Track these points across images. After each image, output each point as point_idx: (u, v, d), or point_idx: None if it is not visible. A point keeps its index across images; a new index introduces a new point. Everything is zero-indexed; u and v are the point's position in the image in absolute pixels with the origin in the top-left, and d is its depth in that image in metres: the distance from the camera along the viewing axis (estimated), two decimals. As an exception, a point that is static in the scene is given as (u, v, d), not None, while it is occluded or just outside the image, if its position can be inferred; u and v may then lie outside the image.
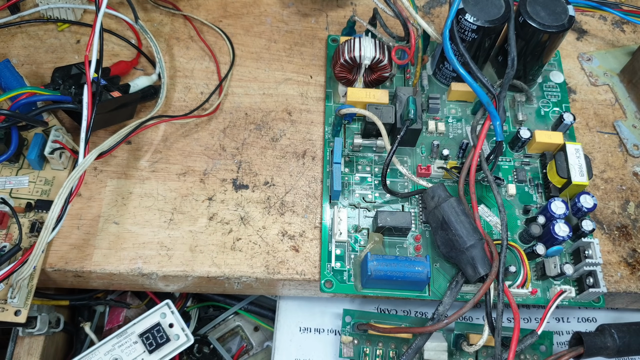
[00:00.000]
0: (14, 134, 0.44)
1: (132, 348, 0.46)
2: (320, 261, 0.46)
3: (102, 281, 0.46)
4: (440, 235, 0.44)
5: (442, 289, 0.45)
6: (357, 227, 0.47)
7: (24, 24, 0.55)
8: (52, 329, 0.49)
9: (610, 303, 0.50)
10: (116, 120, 0.49)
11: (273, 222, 0.47)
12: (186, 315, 0.60)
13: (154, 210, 0.47)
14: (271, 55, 0.56)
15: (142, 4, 0.58)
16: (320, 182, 0.49)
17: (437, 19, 0.61)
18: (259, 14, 0.59)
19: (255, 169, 0.50)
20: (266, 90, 0.54)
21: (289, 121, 0.52)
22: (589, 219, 0.46)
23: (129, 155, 0.49)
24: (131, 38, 0.55)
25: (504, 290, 0.42)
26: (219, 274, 0.45)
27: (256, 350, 0.61)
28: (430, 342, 0.46)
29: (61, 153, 0.46)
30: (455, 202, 0.44)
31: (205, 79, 0.54)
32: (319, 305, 0.53)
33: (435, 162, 0.50)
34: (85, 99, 0.42)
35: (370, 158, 0.50)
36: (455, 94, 0.53)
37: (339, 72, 0.51)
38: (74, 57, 0.53)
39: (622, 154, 0.54)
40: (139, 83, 0.51)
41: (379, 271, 0.42)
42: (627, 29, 0.63)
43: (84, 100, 0.42)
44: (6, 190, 0.46)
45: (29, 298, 0.42)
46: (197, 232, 0.46)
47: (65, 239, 0.45)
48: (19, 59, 0.53)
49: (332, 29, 0.58)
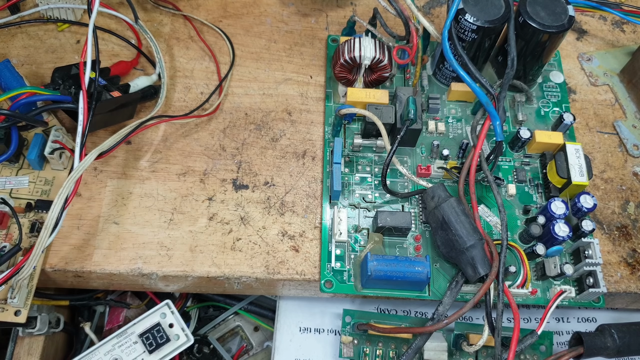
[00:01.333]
0: (14, 134, 0.44)
1: (132, 348, 0.46)
2: (320, 261, 0.46)
3: (102, 281, 0.46)
4: (440, 235, 0.44)
5: (442, 289, 0.45)
6: (357, 227, 0.47)
7: (24, 24, 0.55)
8: (52, 329, 0.49)
9: (610, 303, 0.50)
10: (116, 120, 0.49)
11: (273, 222, 0.47)
12: (186, 315, 0.60)
13: (154, 210, 0.47)
14: (271, 55, 0.56)
15: (142, 4, 0.58)
16: (320, 182, 0.49)
17: (437, 19, 0.61)
18: (259, 14, 0.59)
19: (255, 169, 0.50)
20: (266, 90, 0.54)
21: (289, 121, 0.52)
22: (589, 219, 0.46)
23: (129, 155, 0.49)
24: (131, 38, 0.55)
25: (504, 290, 0.42)
26: (219, 274, 0.45)
27: (256, 350, 0.61)
28: (430, 342, 0.46)
29: (61, 153, 0.46)
30: (455, 202, 0.44)
31: (205, 79, 0.54)
32: (319, 305, 0.53)
33: (435, 162, 0.50)
34: (81, 104, 0.42)
35: (370, 158, 0.50)
36: (455, 94, 0.53)
37: (339, 72, 0.51)
38: (74, 57, 0.53)
39: (622, 154, 0.54)
40: (139, 83, 0.51)
41: (379, 271, 0.42)
42: (627, 29, 0.63)
43: (80, 105, 0.42)
44: (6, 190, 0.46)
45: (29, 298, 0.42)
46: (197, 232, 0.46)
47: (65, 239, 0.45)
48: (19, 59, 0.53)
49: (332, 29, 0.58)
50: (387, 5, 0.50)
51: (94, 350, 0.46)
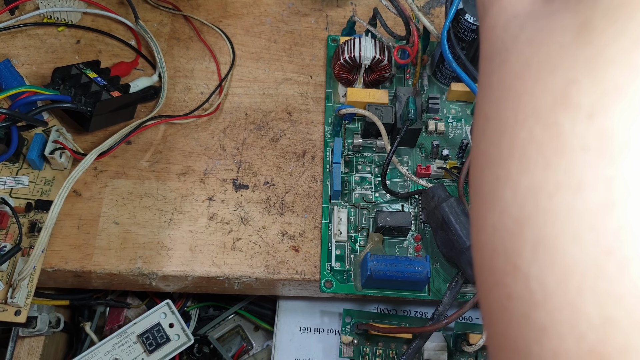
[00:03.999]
0: (14, 133, 0.44)
1: (132, 348, 0.46)
2: (320, 261, 0.46)
3: (102, 281, 0.46)
4: (440, 235, 0.44)
5: (442, 289, 0.45)
6: (357, 227, 0.47)
7: (24, 27, 0.54)
8: (52, 329, 0.49)
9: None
10: (116, 121, 0.49)
11: (273, 222, 0.47)
12: (186, 315, 0.60)
13: (154, 210, 0.47)
14: (271, 55, 0.56)
15: (142, 4, 0.58)
16: (320, 182, 0.50)
17: (437, 19, 0.61)
18: (259, 14, 0.59)
19: (255, 169, 0.50)
20: (266, 90, 0.54)
21: (289, 121, 0.52)
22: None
23: (129, 155, 0.49)
24: (131, 39, 0.55)
25: (504, 290, 0.42)
26: (219, 274, 0.45)
27: (256, 350, 0.61)
28: (430, 342, 0.46)
29: (61, 153, 0.46)
30: (455, 202, 0.44)
31: (205, 79, 0.54)
32: (319, 305, 0.53)
33: (435, 162, 0.50)
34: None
35: (370, 158, 0.50)
36: (455, 94, 0.53)
37: (339, 72, 0.51)
38: (74, 57, 0.53)
39: (622, 154, 0.54)
40: (139, 84, 0.51)
41: (379, 271, 0.42)
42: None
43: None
44: (6, 190, 0.46)
45: (29, 298, 0.42)
46: (197, 232, 0.46)
47: (65, 239, 0.45)
48: (19, 59, 0.53)
49: (332, 29, 0.58)
50: (388, 4, 0.50)
51: (94, 350, 0.46)
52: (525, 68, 0.18)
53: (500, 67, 0.20)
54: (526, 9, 0.21)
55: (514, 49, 0.20)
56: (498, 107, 0.19)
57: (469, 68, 0.46)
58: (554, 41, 0.18)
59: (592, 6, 0.17)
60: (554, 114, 0.16)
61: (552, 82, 0.17)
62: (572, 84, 0.16)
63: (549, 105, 0.17)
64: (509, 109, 0.18)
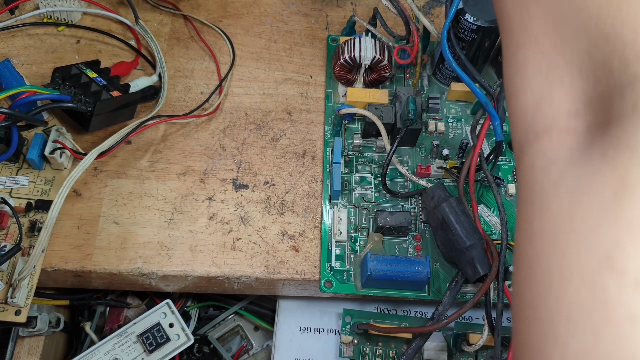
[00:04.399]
0: (14, 133, 0.44)
1: (132, 348, 0.46)
2: (320, 261, 0.46)
3: (102, 281, 0.46)
4: (440, 235, 0.44)
5: (442, 289, 0.45)
6: (357, 227, 0.47)
7: (24, 26, 0.54)
8: (52, 328, 0.49)
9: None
10: (116, 121, 0.49)
11: (273, 222, 0.47)
12: (186, 315, 0.60)
13: (154, 210, 0.47)
14: (271, 55, 0.56)
15: (142, 4, 0.58)
16: (320, 182, 0.50)
17: (437, 19, 0.61)
18: (259, 14, 0.59)
19: (255, 169, 0.50)
20: (266, 90, 0.54)
21: (289, 121, 0.52)
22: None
23: (129, 155, 0.49)
24: (131, 39, 0.55)
25: (504, 290, 0.42)
26: (219, 274, 0.45)
27: (256, 350, 0.61)
28: (430, 342, 0.46)
29: (61, 153, 0.46)
30: (455, 202, 0.44)
31: (205, 79, 0.54)
32: (319, 305, 0.53)
33: (435, 162, 0.50)
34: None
35: (370, 158, 0.50)
36: (455, 94, 0.53)
37: (339, 72, 0.51)
38: (74, 57, 0.53)
39: (622, 154, 0.54)
40: (139, 83, 0.51)
41: (379, 271, 0.42)
42: (627, 29, 0.63)
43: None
44: (6, 190, 0.46)
45: (29, 298, 0.42)
46: (197, 232, 0.46)
47: (65, 239, 0.45)
48: (18, 59, 0.53)
49: (332, 29, 0.58)
50: (388, 4, 0.50)
51: (94, 350, 0.46)
52: (567, 220, 0.19)
53: (542, 214, 0.20)
54: (566, 155, 0.21)
55: (555, 196, 0.20)
56: (542, 259, 0.19)
57: (469, 68, 0.46)
58: (595, 194, 0.18)
59: (629, 159, 0.17)
60: (600, 277, 0.17)
61: (595, 242, 0.17)
62: (616, 247, 0.16)
63: (594, 267, 0.17)
64: (554, 264, 0.19)
